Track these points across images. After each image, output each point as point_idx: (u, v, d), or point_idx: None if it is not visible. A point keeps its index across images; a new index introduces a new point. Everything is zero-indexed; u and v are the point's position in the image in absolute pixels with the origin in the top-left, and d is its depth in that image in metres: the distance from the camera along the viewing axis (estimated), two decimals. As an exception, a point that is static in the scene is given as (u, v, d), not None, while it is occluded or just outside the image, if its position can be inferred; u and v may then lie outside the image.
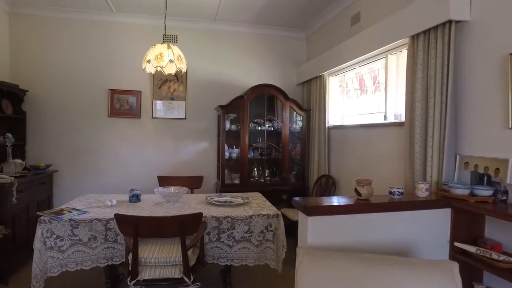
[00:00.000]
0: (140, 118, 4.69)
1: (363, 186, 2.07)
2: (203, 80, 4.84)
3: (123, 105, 4.64)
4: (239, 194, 3.56)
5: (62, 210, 2.74)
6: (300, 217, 1.98)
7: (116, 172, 4.67)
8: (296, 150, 4.73)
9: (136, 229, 2.14)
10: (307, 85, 4.86)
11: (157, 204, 3.08)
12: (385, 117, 3.38)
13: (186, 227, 2.19)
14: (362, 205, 2.02)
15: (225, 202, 3.10)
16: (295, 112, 4.69)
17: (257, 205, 3.08)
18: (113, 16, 4.59)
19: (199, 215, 2.24)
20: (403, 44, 3.03)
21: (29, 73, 4.49)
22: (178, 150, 4.80)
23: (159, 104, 4.73)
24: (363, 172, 3.58)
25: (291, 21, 4.79)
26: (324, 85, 4.34)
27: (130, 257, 2.26)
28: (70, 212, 2.68)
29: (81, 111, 4.58)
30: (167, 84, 4.73)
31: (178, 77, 4.74)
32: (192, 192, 3.94)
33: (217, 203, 3.07)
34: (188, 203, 3.12)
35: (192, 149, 4.84)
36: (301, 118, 4.69)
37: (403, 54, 3.09)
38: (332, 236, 1.92)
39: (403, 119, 2.97)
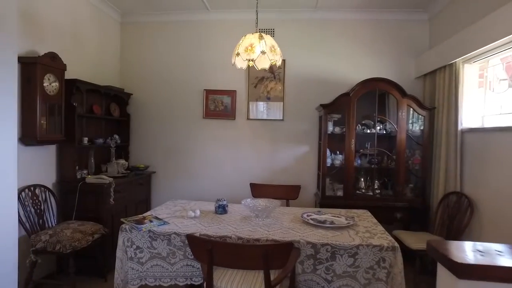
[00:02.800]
0: (234, 119, 4.42)
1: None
2: (302, 77, 4.32)
3: (217, 105, 4.44)
4: (343, 211, 2.93)
5: (144, 218, 2.55)
6: (442, 274, 1.19)
7: (209, 176, 4.49)
8: (414, 159, 3.82)
9: (211, 255, 1.74)
10: (430, 77, 3.91)
11: (245, 218, 2.68)
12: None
13: (271, 260, 1.70)
14: None
15: (325, 222, 2.51)
16: (414, 112, 3.80)
17: (366, 229, 2.41)
18: (208, 14, 4.43)
19: (289, 246, 1.71)
20: None
21: (133, 77, 4.65)
22: (274, 155, 4.38)
23: (254, 104, 4.38)
24: (520, 193, 2.57)
25: (408, 0, 3.91)
26: (456, 75, 3.37)
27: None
28: (151, 221, 2.46)
29: (177, 113, 4.55)
30: (263, 83, 4.36)
31: (275, 74, 4.32)
32: (287, 204, 3.46)
33: (315, 223, 2.50)
34: (280, 220, 2.64)
35: (289, 154, 4.36)
36: (422, 119, 3.77)
37: None
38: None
39: None
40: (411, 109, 3.74)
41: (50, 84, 3.13)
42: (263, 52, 2.66)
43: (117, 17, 4.56)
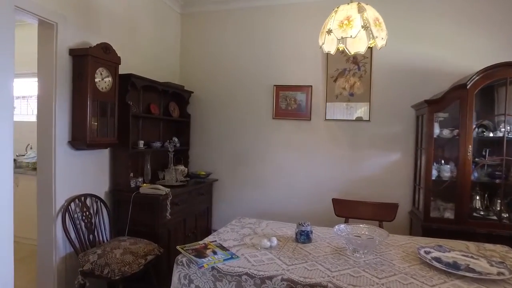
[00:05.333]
0: (310, 120, 3.73)
1: None
2: (394, 68, 3.48)
3: (290, 104, 3.78)
4: (471, 246, 2.10)
5: (206, 246, 1.96)
6: None
7: (279, 185, 3.85)
8: (558, 172, 2.81)
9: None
10: None
11: (337, 251, 1.97)
12: None
13: None
14: None
15: (458, 266, 1.72)
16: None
17: (533, 285, 1.57)
18: (279, -1, 3.80)
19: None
20: None
21: (194, 74, 4.19)
22: (357, 163, 3.60)
23: (334, 102, 3.65)
24: None
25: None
26: None
27: None
28: (214, 253, 1.86)
29: (243, 113, 3.97)
30: (345, 76, 3.61)
31: (360, 65, 3.55)
32: (380, 227, 2.67)
33: (444, 267, 1.72)
34: (387, 258, 1.89)
35: (376, 162, 3.55)
36: None
37: None
38: None
39: None
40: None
41: (102, 80, 2.72)
42: (365, 27, 1.95)
43: (177, 7, 4.13)
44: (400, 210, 3.36)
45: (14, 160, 4.72)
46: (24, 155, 4.47)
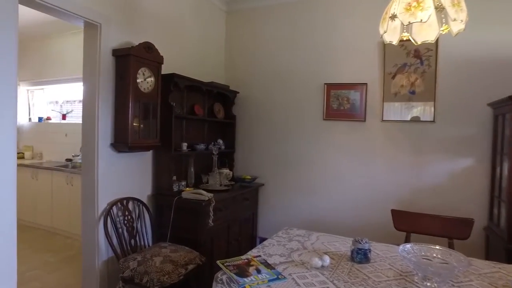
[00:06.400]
0: (364, 121, 3.38)
1: None
2: (467, 60, 3.02)
3: (342, 103, 3.47)
4: None
5: (249, 263, 1.75)
6: None
7: (330, 192, 3.53)
8: None
9: None
10: None
11: (402, 277, 1.66)
12: None
13: None
14: None
15: None
16: None
17: None
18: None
19: None
20: None
21: (239, 73, 4.03)
22: (421, 169, 3.17)
23: (392, 101, 3.27)
24: None
25: None
26: None
27: None
28: (258, 271, 1.64)
29: (291, 114, 3.72)
30: (405, 72, 3.22)
31: (423, 59, 3.14)
32: (450, 246, 2.28)
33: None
34: (469, 290, 1.54)
35: (443, 168, 3.10)
36: None
37: None
38: None
39: None
40: None
41: (145, 80, 2.63)
42: (439, 8, 1.62)
43: (223, 5, 4.00)
44: (474, 226, 2.91)
45: (70, 160, 4.93)
46: (78, 156, 4.61)
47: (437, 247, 1.66)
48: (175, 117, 2.92)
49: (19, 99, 5.64)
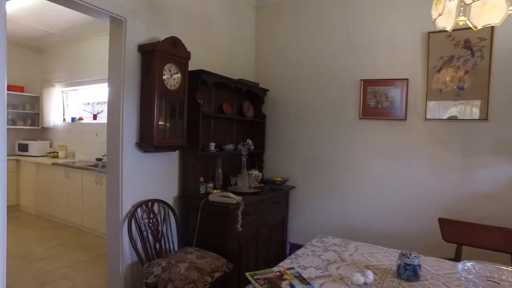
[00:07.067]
0: (405, 120, 3.10)
1: None
2: (525, 50, 2.69)
3: (380, 101, 3.20)
4: None
5: (281, 276, 1.57)
6: None
7: (366, 196, 3.28)
8: None
9: None
10: None
11: (462, 301, 1.41)
12: None
13: None
14: None
15: None
16: None
17: None
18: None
19: None
20: None
21: (269, 70, 3.85)
22: (470, 174, 2.85)
23: (437, 97, 2.97)
24: None
25: None
26: None
27: None
28: (292, 286, 1.46)
29: (324, 112, 3.49)
30: (452, 65, 2.92)
31: (474, 50, 2.82)
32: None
33: None
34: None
35: (497, 173, 2.76)
36: None
37: None
38: None
39: None
40: None
41: (171, 76, 2.52)
42: (507, -17, 1.37)
43: (251, 0, 3.84)
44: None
45: (100, 159, 4.96)
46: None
47: (509, 269, 1.40)
48: (203, 116, 2.79)
49: (55, 100, 5.79)
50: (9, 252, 3.75)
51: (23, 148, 5.76)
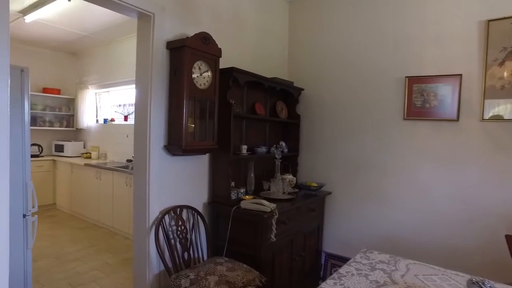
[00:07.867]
0: (457, 120, 2.77)
1: None
2: None
3: (428, 100, 2.89)
4: None
5: (324, 303, 1.35)
6: None
7: (412, 206, 2.96)
8: None
9: None
10: None
11: None
12: None
13: None
14: None
15: None
16: None
17: None
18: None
19: None
20: None
21: (304, 68, 3.62)
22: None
23: (497, 95, 2.62)
24: None
25: None
26: None
27: None
28: (338, 318, 1.24)
29: (364, 112, 3.21)
30: (515, 58, 2.56)
31: (543, 40, 2.46)
32: None
33: None
34: None
35: None
36: None
37: None
38: None
39: None
40: None
41: (201, 75, 2.36)
42: None
43: (285, -5, 3.65)
44: None
45: (130, 161, 4.94)
46: (138, 157, 4.56)
47: None
48: (234, 117, 2.61)
49: (89, 102, 5.86)
50: (44, 250, 3.83)
51: (59, 148, 5.88)
